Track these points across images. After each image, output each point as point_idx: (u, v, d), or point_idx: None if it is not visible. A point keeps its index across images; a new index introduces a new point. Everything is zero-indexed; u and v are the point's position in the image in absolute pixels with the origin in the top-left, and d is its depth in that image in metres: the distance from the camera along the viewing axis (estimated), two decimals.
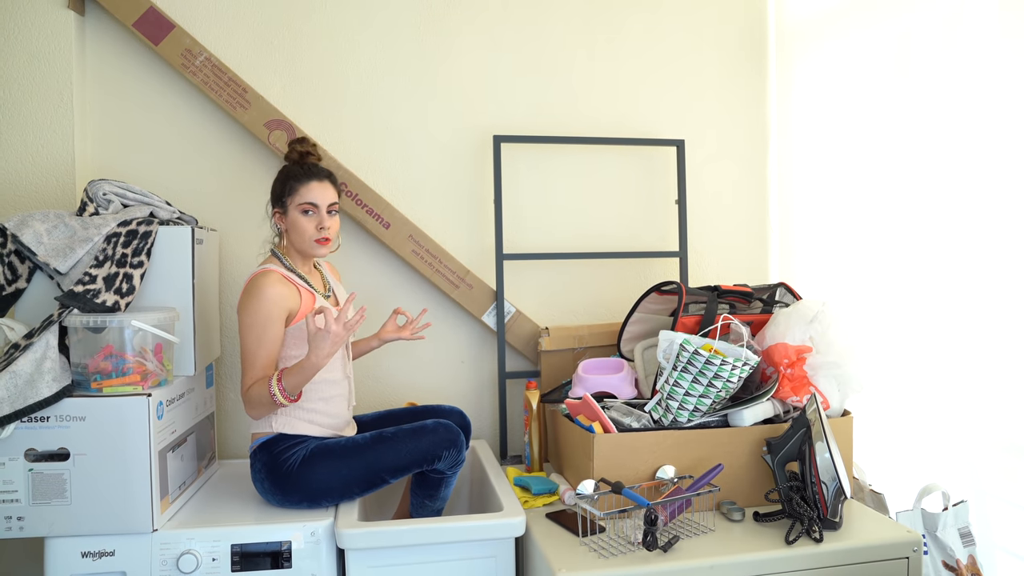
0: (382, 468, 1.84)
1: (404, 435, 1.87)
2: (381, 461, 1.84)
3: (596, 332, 2.47)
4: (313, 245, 1.92)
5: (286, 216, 1.94)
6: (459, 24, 2.51)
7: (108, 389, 1.69)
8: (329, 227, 1.93)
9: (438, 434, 1.87)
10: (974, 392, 1.90)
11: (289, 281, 1.88)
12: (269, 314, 1.81)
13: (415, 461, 1.85)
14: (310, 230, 1.91)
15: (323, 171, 1.97)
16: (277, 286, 1.83)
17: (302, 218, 1.91)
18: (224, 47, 2.35)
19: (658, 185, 2.67)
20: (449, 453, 1.87)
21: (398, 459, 1.84)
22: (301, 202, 1.91)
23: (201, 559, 1.69)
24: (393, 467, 1.85)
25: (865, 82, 2.25)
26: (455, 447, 1.87)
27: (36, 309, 1.87)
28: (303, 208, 1.91)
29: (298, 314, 1.87)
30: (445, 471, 1.90)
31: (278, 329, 1.83)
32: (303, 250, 1.95)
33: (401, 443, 1.85)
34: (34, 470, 1.65)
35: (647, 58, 2.65)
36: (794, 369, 1.98)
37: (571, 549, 1.68)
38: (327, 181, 1.95)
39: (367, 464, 1.83)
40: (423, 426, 1.88)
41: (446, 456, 1.86)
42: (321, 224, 1.91)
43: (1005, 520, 1.87)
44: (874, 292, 2.21)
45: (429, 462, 1.86)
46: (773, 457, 1.84)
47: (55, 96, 2.19)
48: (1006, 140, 1.79)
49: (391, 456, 1.84)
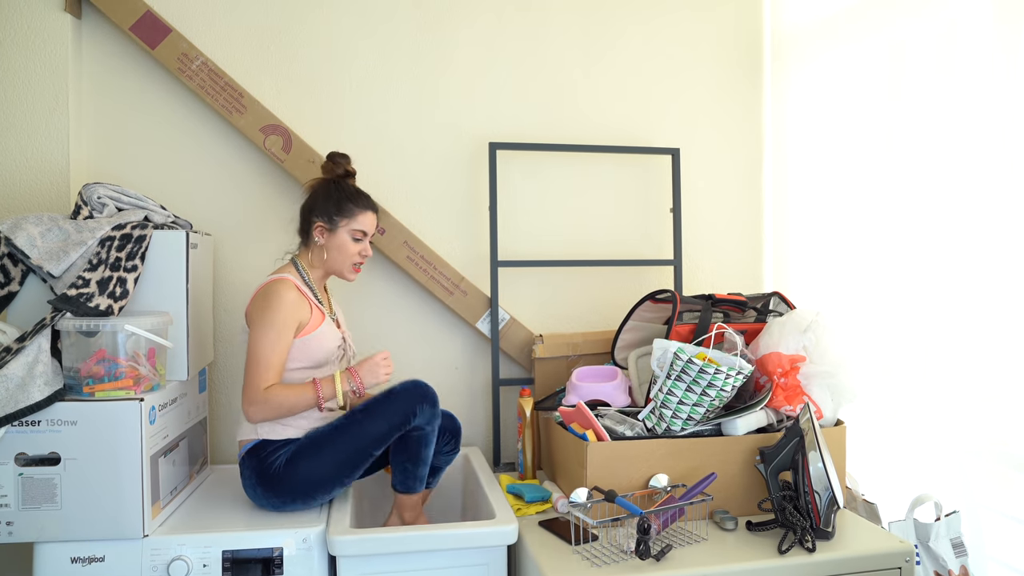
0: (364, 441, 1.83)
1: (375, 404, 1.85)
2: (361, 435, 1.83)
3: (590, 340, 2.47)
4: (350, 269, 2.02)
5: (332, 234, 1.99)
6: (456, 31, 2.51)
7: (100, 393, 1.68)
8: (368, 254, 2.04)
9: (408, 392, 1.85)
10: (967, 403, 1.90)
11: (302, 293, 1.92)
12: (285, 320, 1.85)
13: (394, 425, 1.83)
14: (354, 256, 2.01)
15: (375, 202, 2.07)
16: (293, 293, 1.89)
17: (351, 243, 2.00)
18: (220, 52, 2.35)
19: (653, 193, 2.68)
20: (423, 407, 1.84)
21: (376, 427, 1.83)
22: (356, 228, 1.99)
23: (192, 565, 1.68)
24: (374, 437, 1.83)
25: (860, 93, 2.26)
26: (427, 401, 1.85)
27: (29, 312, 1.86)
28: (355, 235, 2.00)
29: (306, 328, 1.90)
30: (424, 426, 1.87)
31: (289, 337, 1.87)
32: (337, 271, 2.02)
33: (374, 411, 1.84)
34: (24, 474, 1.64)
35: (643, 67, 2.66)
36: (788, 378, 1.98)
37: (564, 557, 1.68)
38: (376, 214, 2.06)
39: (349, 442, 1.83)
40: (391, 390, 1.87)
41: (420, 411, 1.84)
42: (364, 252, 2.02)
43: (997, 531, 1.88)
44: (868, 302, 2.22)
45: (407, 421, 1.84)
46: (766, 466, 1.84)
47: (51, 99, 2.19)
48: (1001, 151, 1.80)
49: (369, 426, 1.83)
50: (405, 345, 2.48)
